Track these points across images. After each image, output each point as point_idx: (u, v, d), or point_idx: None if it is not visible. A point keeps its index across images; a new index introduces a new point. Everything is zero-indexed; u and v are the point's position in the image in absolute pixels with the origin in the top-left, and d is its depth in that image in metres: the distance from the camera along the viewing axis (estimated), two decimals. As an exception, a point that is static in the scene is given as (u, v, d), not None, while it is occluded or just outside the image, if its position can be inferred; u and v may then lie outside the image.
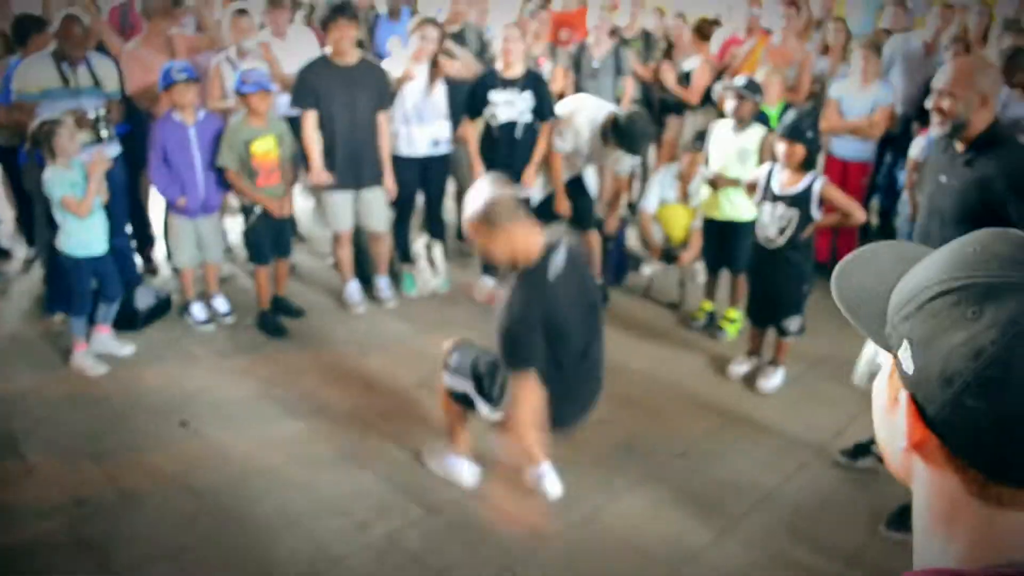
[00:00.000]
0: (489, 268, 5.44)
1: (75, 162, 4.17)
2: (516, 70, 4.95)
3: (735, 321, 5.01)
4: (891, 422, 0.79)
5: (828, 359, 4.69)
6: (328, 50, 4.79)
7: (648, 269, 5.83)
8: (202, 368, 4.51)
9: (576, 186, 5.21)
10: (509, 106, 4.98)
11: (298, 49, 5.34)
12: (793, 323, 4.30)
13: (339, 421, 4.04)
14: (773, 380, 4.42)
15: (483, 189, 3.05)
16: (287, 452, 3.77)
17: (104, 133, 4.59)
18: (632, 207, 6.73)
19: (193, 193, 4.71)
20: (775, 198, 4.13)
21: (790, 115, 4.18)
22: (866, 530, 3.32)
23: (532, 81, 5.02)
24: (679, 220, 5.44)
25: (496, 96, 4.97)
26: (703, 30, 6.48)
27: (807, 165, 4.08)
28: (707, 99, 6.20)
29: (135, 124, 5.27)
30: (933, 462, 0.74)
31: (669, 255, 5.35)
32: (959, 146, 3.01)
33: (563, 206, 5.11)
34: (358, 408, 4.14)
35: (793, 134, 4.01)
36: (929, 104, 3.00)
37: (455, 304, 5.39)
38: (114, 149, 4.77)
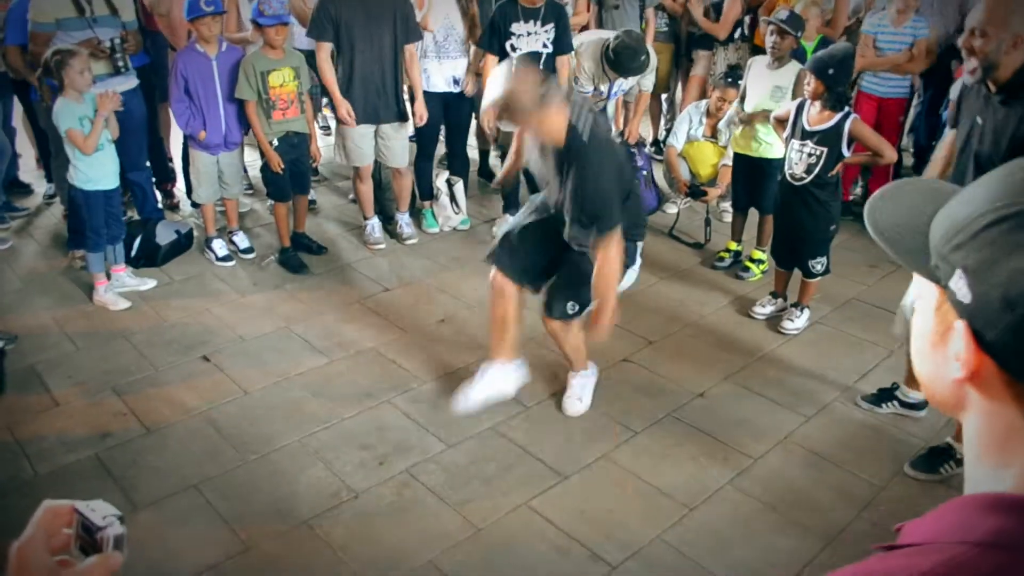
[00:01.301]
0: (510, 205, 5.40)
1: (87, 95, 4.13)
2: (538, 1, 4.81)
3: (761, 262, 4.94)
4: (939, 355, 0.78)
5: (853, 302, 4.64)
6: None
7: (674, 207, 5.75)
8: (223, 304, 4.52)
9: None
10: (532, 38, 4.86)
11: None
12: (818, 263, 4.23)
13: (360, 357, 4.05)
14: (798, 322, 4.37)
15: (503, 74, 3.02)
16: (308, 387, 3.79)
17: (120, 63, 4.54)
18: (659, 144, 6.62)
19: (215, 127, 4.67)
20: (804, 134, 4.04)
21: (822, 49, 4.05)
22: (886, 474, 3.29)
23: (554, 11, 4.90)
24: (707, 157, 5.36)
25: (518, 28, 4.85)
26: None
27: (837, 102, 3.97)
28: (736, 33, 6.05)
29: (154, 55, 5.22)
30: (990, 391, 0.74)
31: (696, 192, 5.27)
32: (992, 87, 2.90)
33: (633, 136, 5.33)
34: (379, 344, 4.14)
35: (815, 67, 3.91)
36: (960, 42, 2.89)
37: (477, 241, 5.35)
38: (131, 81, 4.73)
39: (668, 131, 6.27)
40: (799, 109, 4.09)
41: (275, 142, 4.68)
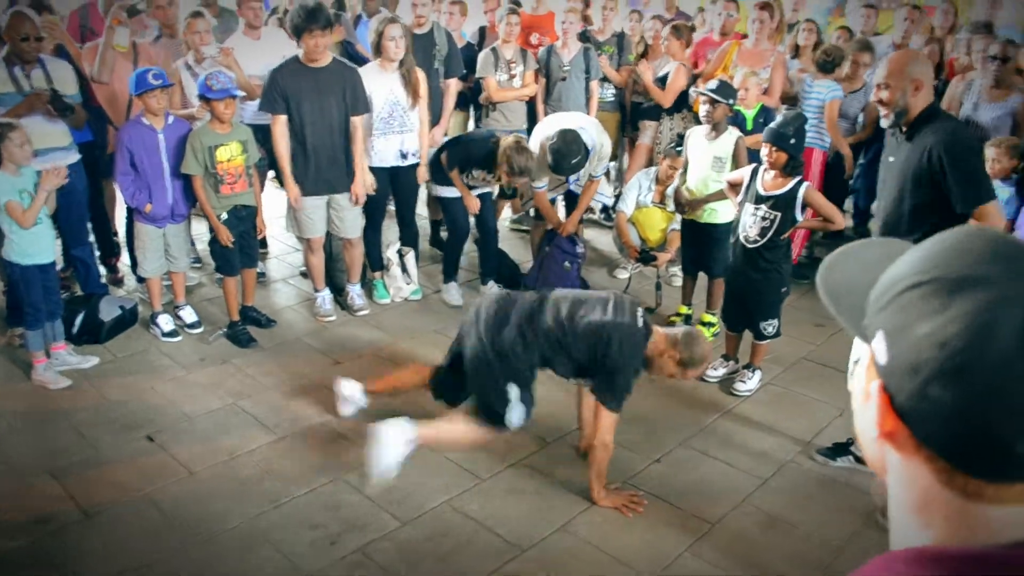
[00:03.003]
0: (452, 273, 5.42)
1: (25, 169, 4.06)
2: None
3: (711, 325, 4.98)
4: (867, 413, 0.80)
5: (803, 361, 4.69)
6: (300, 53, 4.68)
7: (625, 272, 5.80)
8: (169, 381, 4.40)
9: (575, 198, 5.51)
10: (485, 184, 5.23)
11: (270, 49, 5.22)
12: (770, 326, 4.28)
13: (311, 433, 3.95)
14: (750, 383, 4.40)
15: None
16: (257, 466, 3.69)
17: (64, 109, 4.44)
18: (608, 211, 6.70)
19: (161, 200, 4.60)
20: (759, 199, 4.13)
21: (777, 119, 4.17)
22: (844, 533, 3.28)
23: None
24: (656, 223, 5.42)
25: (478, 174, 5.15)
26: (681, 32, 6.44)
27: (792, 169, 4.08)
28: (682, 103, 6.20)
29: (98, 132, 5.17)
30: (904, 452, 0.76)
31: (646, 257, 5.32)
32: (903, 129, 3.26)
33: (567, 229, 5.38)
34: (330, 419, 4.06)
35: (777, 140, 4.02)
36: (871, 98, 3.33)
37: (428, 311, 5.33)
38: (72, 155, 4.66)
39: (617, 198, 6.36)
40: (753, 174, 4.19)
41: (224, 216, 4.64)
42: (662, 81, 6.21)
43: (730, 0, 6.44)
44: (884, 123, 3.29)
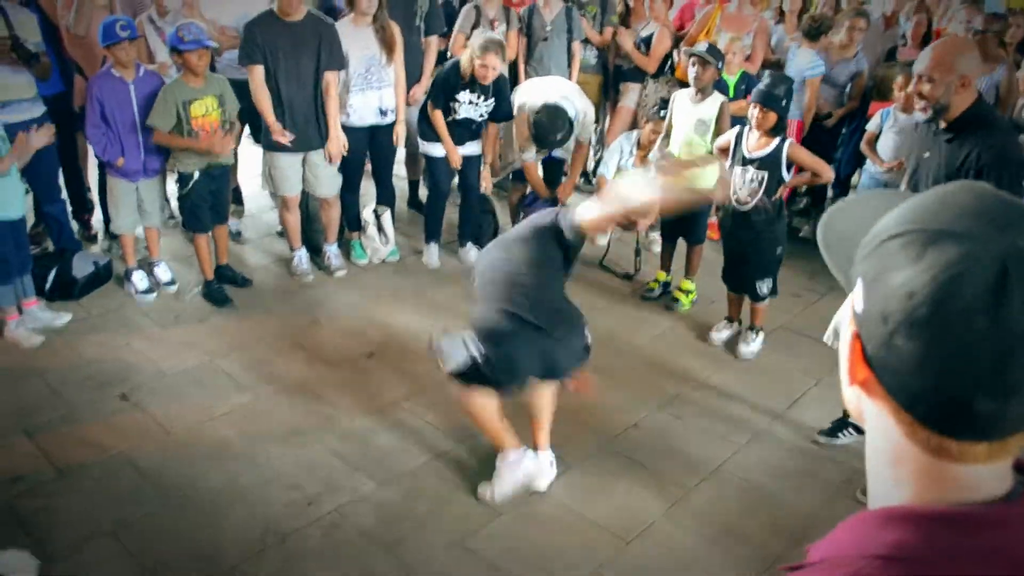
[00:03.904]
0: (433, 234, 5.39)
1: None
2: (486, 83, 4.89)
3: (690, 292, 4.99)
4: (845, 362, 0.81)
5: (779, 330, 4.71)
6: (274, 5, 4.57)
7: (604, 238, 5.78)
8: (144, 339, 4.35)
9: (555, 163, 5.56)
10: (471, 107, 4.99)
11: (244, 1, 5.10)
12: (764, 285, 4.32)
13: (288, 393, 3.94)
14: (753, 345, 4.45)
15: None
16: (234, 425, 3.67)
17: (27, 56, 4.31)
18: (588, 175, 6.66)
19: (133, 154, 4.50)
20: (745, 161, 4.14)
21: (765, 80, 4.15)
22: (818, 502, 3.33)
23: (498, 85, 5.00)
24: (634, 188, 5.39)
25: (463, 96, 4.95)
26: (663, -6, 6.36)
27: (777, 130, 4.09)
28: (664, 67, 6.16)
29: (69, 83, 5.04)
30: (877, 401, 0.76)
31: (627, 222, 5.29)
32: (941, 123, 3.02)
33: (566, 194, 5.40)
34: (307, 379, 4.04)
35: (767, 100, 4.02)
36: (911, 88, 3.03)
37: (406, 273, 5.29)
38: (37, 108, 4.54)
39: (598, 162, 6.32)
40: (738, 137, 4.20)
41: (196, 175, 4.55)
42: (646, 43, 6.15)
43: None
44: (919, 116, 3.08)
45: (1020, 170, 2.90)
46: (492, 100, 5.01)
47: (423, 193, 6.30)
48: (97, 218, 5.51)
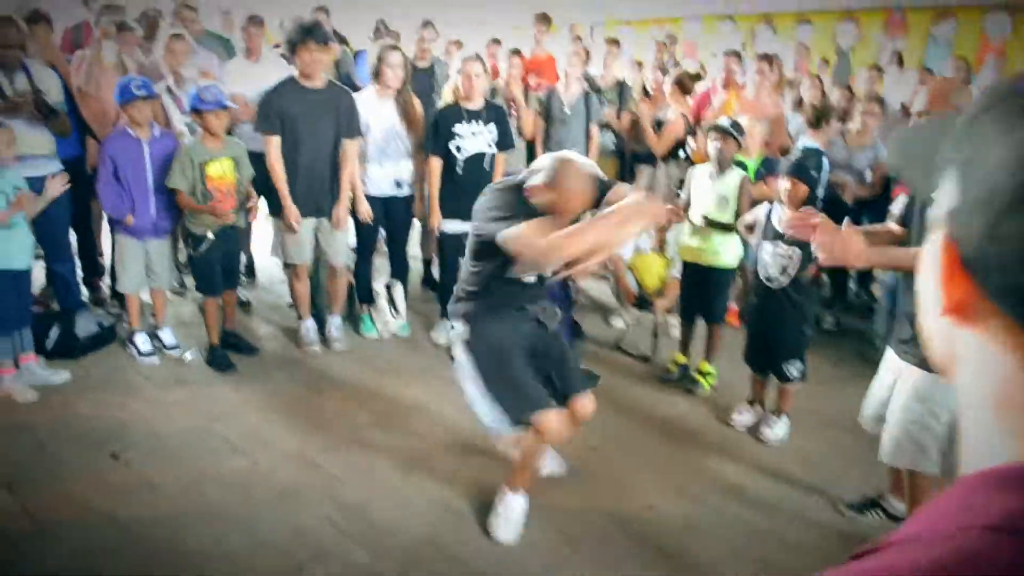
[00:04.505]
0: (446, 312, 5.26)
1: (5, 170, 3.94)
2: (478, 103, 4.84)
3: (710, 375, 4.82)
4: (928, 291, 0.63)
5: (809, 413, 4.49)
6: (295, 72, 4.61)
7: (619, 322, 5.65)
8: (141, 399, 4.22)
9: None
10: (476, 138, 4.86)
11: (268, 74, 5.11)
12: (793, 367, 4.14)
13: (285, 459, 3.76)
14: (776, 429, 4.24)
15: None
16: (226, 488, 3.48)
17: (48, 107, 4.36)
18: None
19: (144, 212, 4.48)
20: (776, 236, 4.04)
21: (794, 153, 4.10)
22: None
23: (495, 112, 4.95)
24: (654, 269, 5.29)
25: (462, 128, 4.85)
26: (684, 83, 6.42)
27: (808, 204, 4.00)
28: (677, 152, 6.17)
29: (86, 148, 5.06)
30: (977, 325, 0.59)
31: (643, 302, 5.19)
32: None
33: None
34: (306, 447, 3.87)
35: (799, 172, 3.97)
36: (881, 154, 3.04)
37: (415, 348, 5.16)
38: (54, 164, 4.54)
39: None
40: (768, 213, 4.13)
41: (210, 235, 4.50)
42: (660, 125, 6.18)
43: (732, 55, 6.43)
44: None
45: None
46: (493, 125, 4.91)
47: (437, 272, 6.24)
48: (107, 281, 5.46)
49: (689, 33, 11.05)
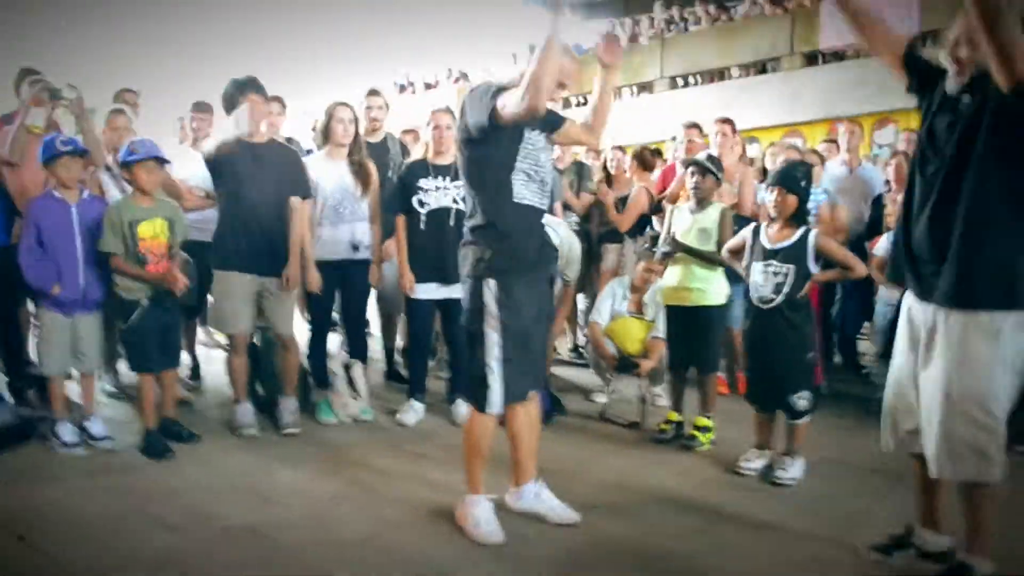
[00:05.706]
0: (416, 388, 4.79)
1: None
2: (447, 158, 4.54)
3: (708, 430, 4.36)
4: None
5: (823, 459, 4.02)
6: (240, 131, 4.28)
7: (602, 397, 5.21)
8: (61, 486, 3.61)
9: None
10: (440, 192, 4.55)
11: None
12: (802, 399, 3.73)
13: (228, 535, 3.14)
14: (792, 470, 3.79)
15: None
16: (156, 568, 2.87)
17: None
18: (577, 348, 6.23)
19: (72, 282, 4.01)
20: (767, 254, 3.74)
21: (782, 165, 3.88)
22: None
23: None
24: (634, 333, 4.90)
25: (427, 183, 4.55)
26: (644, 160, 6.28)
27: (798, 219, 3.75)
28: (640, 228, 5.95)
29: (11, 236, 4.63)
30: None
31: (626, 365, 4.77)
32: (964, 98, 2.60)
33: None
34: (256, 522, 3.27)
35: (787, 182, 3.72)
36: (947, 51, 2.62)
37: (379, 431, 4.60)
38: None
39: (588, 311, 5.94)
40: (755, 232, 3.86)
41: (144, 302, 4.04)
42: (623, 202, 5.98)
43: (693, 127, 6.31)
44: (951, 84, 2.63)
45: None
46: (461, 182, 4.59)
47: (398, 360, 5.79)
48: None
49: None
